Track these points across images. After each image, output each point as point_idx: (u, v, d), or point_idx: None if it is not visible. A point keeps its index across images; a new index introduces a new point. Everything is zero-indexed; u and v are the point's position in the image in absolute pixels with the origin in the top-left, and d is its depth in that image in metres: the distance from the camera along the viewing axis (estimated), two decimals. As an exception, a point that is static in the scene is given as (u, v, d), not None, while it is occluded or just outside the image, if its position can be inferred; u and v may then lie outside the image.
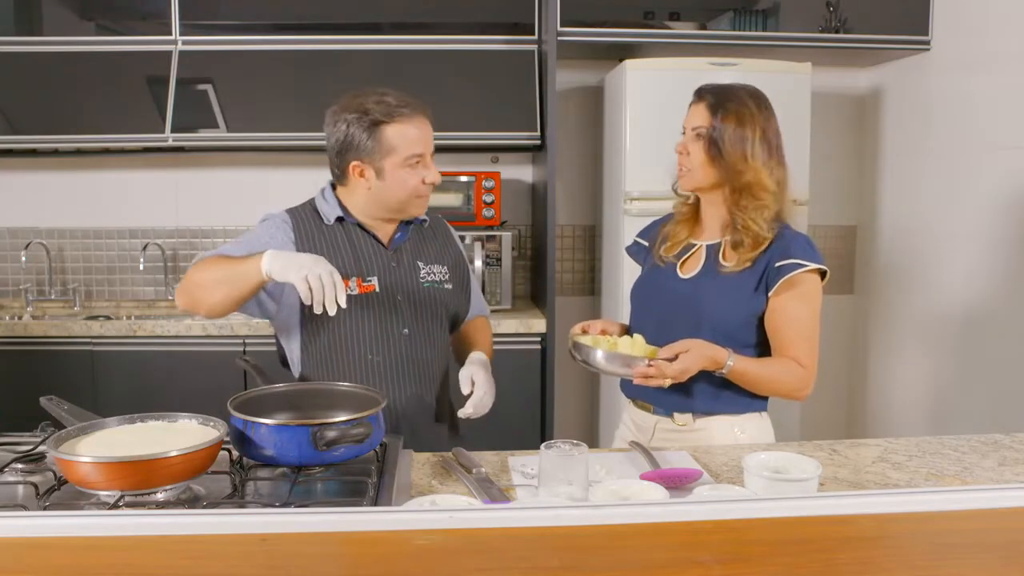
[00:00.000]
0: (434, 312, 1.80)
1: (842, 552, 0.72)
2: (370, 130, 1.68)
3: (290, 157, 3.51)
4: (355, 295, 1.70)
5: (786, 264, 1.66)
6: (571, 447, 1.32)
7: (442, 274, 1.83)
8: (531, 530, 0.74)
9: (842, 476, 1.49)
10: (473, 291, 1.95)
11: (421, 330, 1.78)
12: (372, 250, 1.77)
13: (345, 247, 1.75)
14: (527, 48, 3.22)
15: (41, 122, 3.16)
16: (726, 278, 1.71)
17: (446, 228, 1.94)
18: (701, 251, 1.78)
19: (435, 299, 1.80)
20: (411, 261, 1.80)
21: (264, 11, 3.23)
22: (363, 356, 1.73)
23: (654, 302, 1.81)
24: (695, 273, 1.76)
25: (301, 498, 1.27)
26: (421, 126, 1.71)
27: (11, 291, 3.50)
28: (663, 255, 1.81)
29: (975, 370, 2.98)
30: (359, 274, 1.73)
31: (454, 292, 1.85)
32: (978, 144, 2.94)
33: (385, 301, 1.73)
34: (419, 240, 1.84)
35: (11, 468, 1.33)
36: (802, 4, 3.17)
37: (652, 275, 1.84)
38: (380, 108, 1.67)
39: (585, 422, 3.66)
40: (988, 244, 2.90)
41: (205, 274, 1.62)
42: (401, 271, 1.77)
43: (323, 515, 0.75)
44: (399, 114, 1.68)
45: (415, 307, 1.77)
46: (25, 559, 0.68)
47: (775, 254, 1.68)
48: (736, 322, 1.70)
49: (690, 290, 1.75)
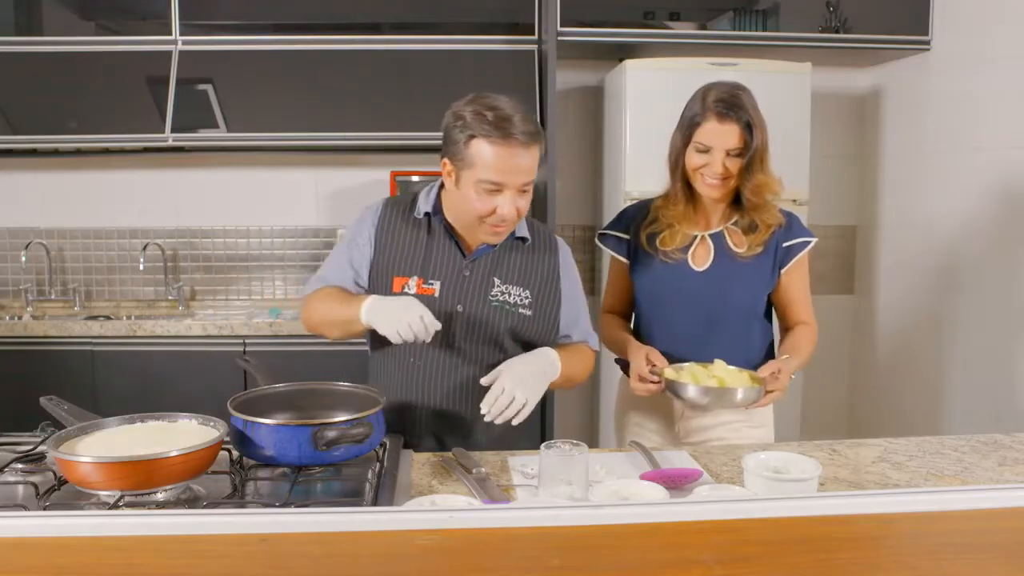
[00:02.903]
0: (493, 333, 1.68)
1: (842, 552, 0.72)
2: (464, 133, 1.56)
3: (290, 157, 3.52)
4: (412, 294, 1.65)
5: (795, 244, 1.82)
6: (571, 447, 1.32)
7: (520, 297, 1.70)
8: (531, 530, 0.74)
9: (842, 476, 1.49)
10: (573, 320, 1.78)
11: (472, 347, 1.68)
12: (447, 254, 1.69)
13: (420, 244, 1.69)
14: (527, 48, 3.22)
15: (41, 122, 3.16)
16: (743, 264, 1.80)
17: (554, 249, 1.77)
18: (707, 241, 1.83)
19: (500, 320, 1.68)
20: (486, 275, 1.69)
21: (264, 11, 3.23)
22: (404, 357, 1.69)
23: (672, 299, 1.84)
24: (709, 264, 1.81)
25: (301, 498, 1.27)
26: (517, 155, 1.54)
27: (11, 291, 3.50)
28: (668, 251, 1.82)
29: (975, 370, 2.98)
30: (421, 274, 1.67)
31: (532, 319, 1.71)
32: (978, 144, 2.94)
33: (442, 308, 1.65)
34: (508, 256, 1.72)
35: (11, 468, 1.34)
36: (802, 4, 3.17)
37: (663, 273, 1.83)
38: (482, 118, 1.54)
39: (585, 422, 3.66)
40: (988, 244, 2.90)
41: (319, 314, 1.68)
42: (471, 282, 1.68)
43: (323, 515, 0.75)
44: (497, 134, 1.53)
45: (473, 322, 1.67)
46: (25, 559, 0.68)
47: (780, 234, 1.82)
48: (757, 301, 1.85)
49: (709, 281, 1.81)
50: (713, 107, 1.71)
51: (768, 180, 1.75)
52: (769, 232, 1.79)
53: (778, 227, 1.80)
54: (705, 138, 1.72)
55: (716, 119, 1.71)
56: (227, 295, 3.58)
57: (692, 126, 1.75)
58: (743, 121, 1.70)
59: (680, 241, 1.82)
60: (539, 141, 1.58)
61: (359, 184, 3.53)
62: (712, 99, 1.72)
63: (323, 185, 3.55)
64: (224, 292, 3.58)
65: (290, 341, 3.00)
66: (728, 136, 1.71)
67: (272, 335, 3.00)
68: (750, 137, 1.70)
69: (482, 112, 1.55)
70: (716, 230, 1.83)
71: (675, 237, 1.82)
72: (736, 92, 1.73)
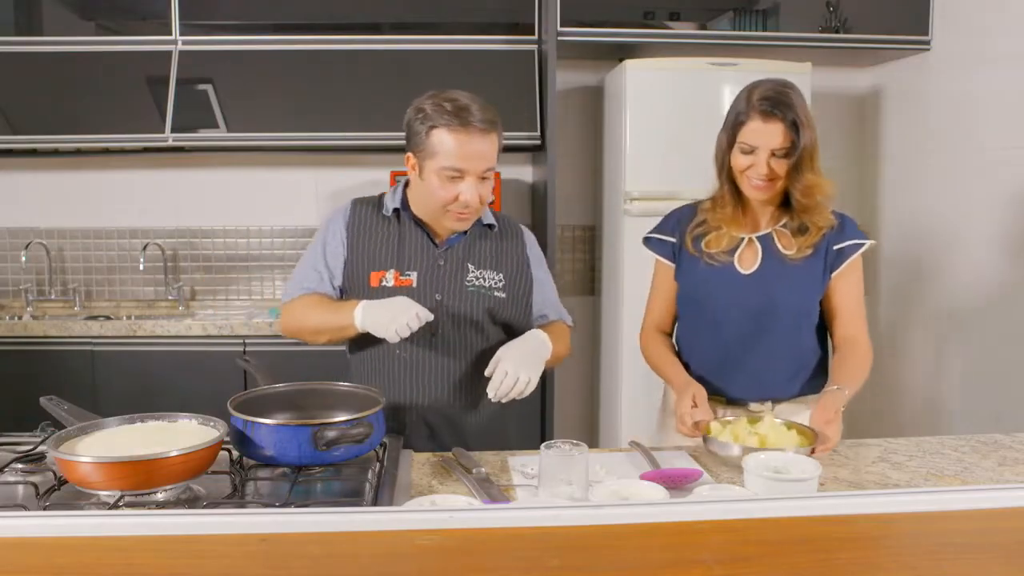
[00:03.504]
0: (473, 317, 1.73)
1: (842, 552, 0.72)
2: (424, 124, 1.63)
3: (290, 157, 3.52)
4: (390, 287, 1.70)
5: (847, 246, 1.74)
6: (571, 447, 1.32)
7: (494, 280, 1.76)
8: (531, 530, 0.74)
9: (842, 476, 1.49)
10: (545, 299, 1.85)
11: (456, 333, 1.73)
12: (419, 245, 1.74)
13: (392, 239, 1.74)
14: (527, 48, 3.22)
15: (41, 122, 3.16)
16: (792, 267, 1.73)
17: (520, 235, 1.85)
18: (755, 244, 1.76)
19: (478, 304, 1.74)
20: (459, 262, 1.74)
21: (264, 11, 3.23)
22: (390, 349, 1.71)
23: (717, 303, 1.77)
24: (757, 267, 1.75)
25: (301, 498, 1.27)
26: (476, 141, 1.62)
27: (11, 291, 3.50)
28: (713, 253, 1.76)
29: (976, 370, 2.98)
30: (398, 267, 1.72)
31: (507, 301, 1.77)
32: (978, 144, 2.94)
33: (421, 297, 1.68)
34: (479, 243, 1.78)
35: (11, 468, 1.33)
36: (802, 4, 3.17)
37: (708, 276, 1.77)
38: (441, 108, 1.61)
39: (585, 422, 3.66)
40: (988, 243, 2.90)
41: (306, 321, 1.73)
42: (446, 271, 1.73)
43: (323, 515, 0.75)
44: (456, 122, 1.60)
45: (452, 308, 1.72)
46: (25, 559, 0.68)
47: (831, 236, 1.74)
48: (809, 307, 1.76)
49: (756, 284, 1.74)
50: (757, 105, 1.65)
51: (819, 181, 1.68)
52: (820, 234, 1.72)
53: (829, 229, 1.73)
54: (749, 138, 1.66)
55: (760, 118, 1.64)
56: (227, 295, 3.58)
57: (736, 125, 1.68)
58: (789, 120, 1.63)
59: (727, 244, 1.76)
60: (496, 129, 1.65)
61: (359, 184, 3.53)
62: (757, 97, 1.65)
63: (323, 185, 3.55)
64: (224, 292, 3.58)
65: (290, 341, 2.96)
66: (773, 136, 1.64)
67: (272, 335, 2.99)
68: (797, 137, 1.63)
69: (441, 103, 1.62)
70: (764, 232, 1.76)
71: (721, 239, 1.76)
72: (783, 89, 1.66)
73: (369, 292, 1.71)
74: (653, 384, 1.99)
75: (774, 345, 1.75)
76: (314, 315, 1.71)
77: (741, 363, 1.76)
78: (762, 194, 1.70)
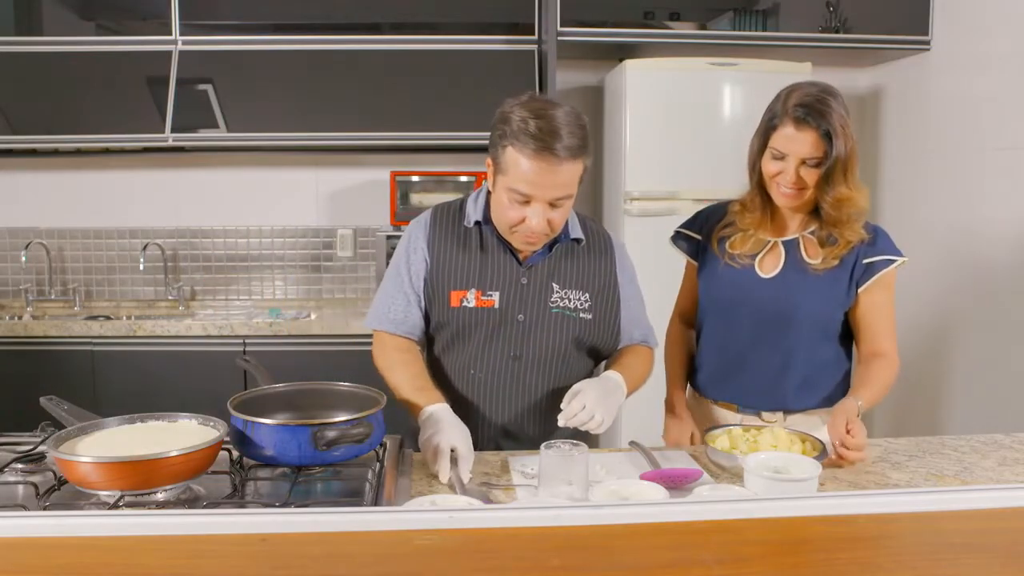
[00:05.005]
0: (557, 341, 1.64)
1: (842, 552, 0.72)
2: (503, 138, 1.51)
3: (290, 157, 3.52)
4: (471, 307, 1.62)
5: (877, 261, 1.68)
6: (571, 447, 1.32)
7: (580, 301, 1.66)
8: (531, 530, 0.74)
9: (842, 476, 1.49)
10: (630, 319, 1.74)
11: (536, 356, 1.64)
12: (503, 262, 1.64)
13: (475, 254, 1.65)
14: (527, 48, 3.22)
15: (41, 122, 3.16)
16: (815, 276, 1.68)
17: (609, 250, 1.73)
18: (779, 248, 1.73)
19: (561, 327, 1.64)
20: (544, 281, 1.64)
21: (264, 11, 3.23)
22: (465, 369, 1.66)
23: (734, 305, 1.74)
24: (778, 271, 1.71)
25: (301, 498, 1.27)
26: (552, 170, 1.47)
27: (11, 291, 3.50)
28: (735, 254, 1.73)
29: (975, 370, 2.98)
30: (479, 286, 1.63)
31: (592, 323, 1.67)
32: (978, 144, 2.94)
33: (503, 319, 1.62)
34: (564, 260, 1.67)
35: (11, 468, 1.33)
36: (802, 4, 3.17)
37: (726, 277, 1.74)
38: (525, 127, 1.47)
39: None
40: (988, 243, 2.90)
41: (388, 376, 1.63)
42: (529, 290, 1.64)
43: (323, 515, 0.75)
44: (533, 146, 1.46)
45: (535, 331, 1.64)
46: (25, 559, 0.68)
47: (862, 249, 1.68)
48: (830, 318, 1.72)
49: (776, 289, 1.70)
50: (792, 111, 1.59)
51: (851, 194, 1.60)
52: (848, 247, 1.67)
53: (860, 242, 1.67)
54: (780, 144, 1.61)
55: (793, 125, 1.59)
56: (227, 295, 3.58)
57: (769, 129, 1.63)
58: (823, 129, 1.56)
59: (751, 247, 1.72)
60: (582, 155, 1.51)
61: (359, 184, 3.53)
62: (793, 102, 1.59)
63: (323, 185, 3.56)
64: (224, 292, 3.58)
65: (290, 341, 3.00)
66: (803, 144, 1.58)
67: (272, 335, 3.00)
68: (830, 147, 1.56)
69: (527, 120, 1.47)
70: (791, 237, 1.72)
71: (746, 242, 1.72)
72: (822, 95, 1.59)
73: (448, 312, 1.64)
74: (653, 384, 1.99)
75: (787, 353, 1.71)
76: (394, 378, 1.62)
77: (751, 367, 1.74)
78: (790, 202, 1.65)
